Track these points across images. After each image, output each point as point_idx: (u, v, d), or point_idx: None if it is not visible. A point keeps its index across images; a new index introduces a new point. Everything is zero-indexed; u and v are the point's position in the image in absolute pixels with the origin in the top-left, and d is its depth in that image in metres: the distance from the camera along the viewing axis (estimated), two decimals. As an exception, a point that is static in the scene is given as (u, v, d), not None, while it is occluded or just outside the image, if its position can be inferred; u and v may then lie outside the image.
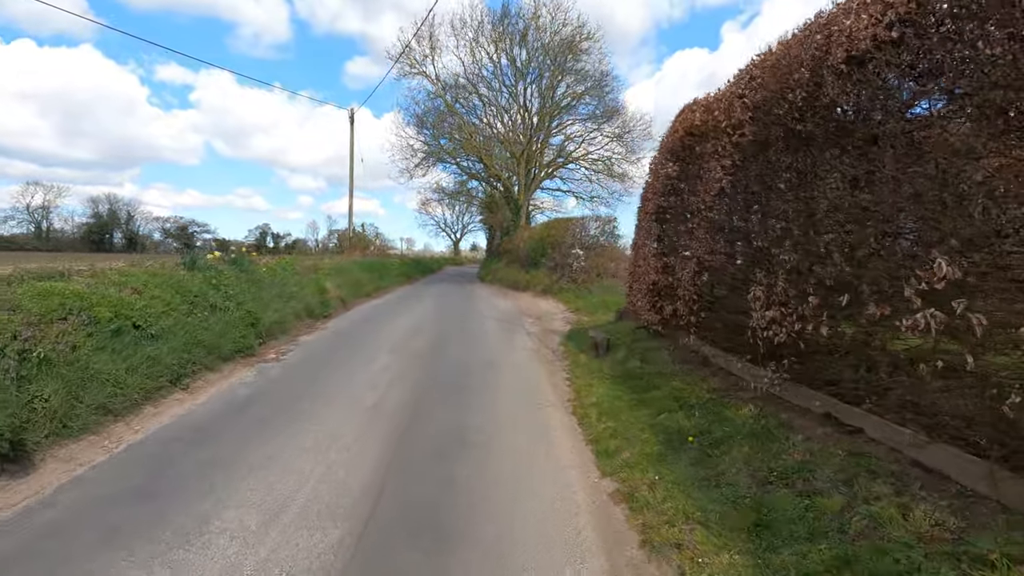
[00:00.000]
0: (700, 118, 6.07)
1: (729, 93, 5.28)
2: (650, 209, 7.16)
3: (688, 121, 6.37)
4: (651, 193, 7.34)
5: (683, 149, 6.53)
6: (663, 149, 7.15)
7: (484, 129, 30.83)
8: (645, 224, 7.41)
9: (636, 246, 7.98)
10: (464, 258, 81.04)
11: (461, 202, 47.68)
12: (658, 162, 7.29)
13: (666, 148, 7.01)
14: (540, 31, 26.75)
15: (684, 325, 5.59)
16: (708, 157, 5.47)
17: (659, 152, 7.33)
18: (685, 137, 6.43)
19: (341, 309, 13.99)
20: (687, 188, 6.04)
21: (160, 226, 63.92)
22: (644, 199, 7.82)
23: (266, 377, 6.93)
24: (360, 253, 29.43)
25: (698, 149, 6.02)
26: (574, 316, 12.75)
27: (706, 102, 6.22)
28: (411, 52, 26.91)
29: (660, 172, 7.05)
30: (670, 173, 6.57)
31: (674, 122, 7.07)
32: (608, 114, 28.81)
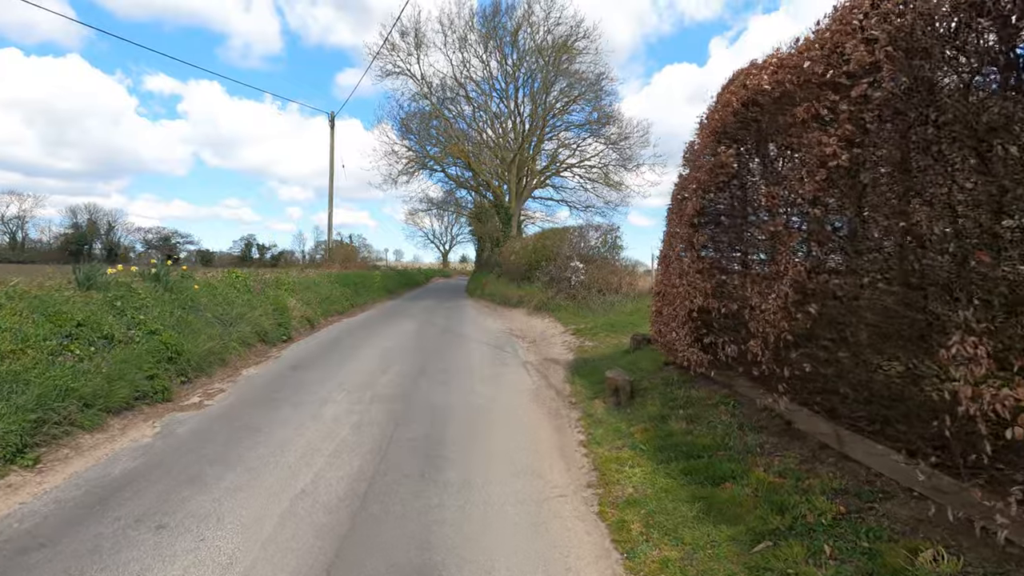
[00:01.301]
0: (773, 78, 4.34)
1: (834, 30, 3.56)
2: (688, 211, 5.40)
3: (752, 86, 4.64)
4: (688, 190, 5.58)
5: (741, 126, 4.79)
6: (706, 132, 5.41)
7: (473, 135, 29.21)
8: (681, 230, 5.64)
9: (665, 259, 6.20)
10: (453, 270, 79.27)
11: (450, 212, 46.03)
12: (700, 149, 5.54)
13: (712, 129, 5.27)
14: (533, 29, 25.29)
15: (762, 376, 3.81)
16: (798, 129, 3.73)
17: (700, 136, 5.58)
18: (745, 108, 4.70)
19: (306, 331, 12.09)
20: (757, 177, 4.29)
21: (142, 237, 61.83)
22: (676, 199, 6.06)
23: (170, 439, 5.05)
24: (340, 266, 27.56)
25: (771, 122, 4.29)
26: (576, 340, 10.94)
27: (778, 58, 4.50)
28: (395, 49, 25.26)
29: (703, 162, 5.31)
30: (723, 160, 4.82)
31: (722, 93, 5.34)
32: (603, 120, 27.33)
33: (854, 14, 3.49)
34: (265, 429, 5.31)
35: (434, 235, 79.76)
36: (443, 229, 78.63)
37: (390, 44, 24.60)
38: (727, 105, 5.15)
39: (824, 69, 3.68)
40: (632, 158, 27.02)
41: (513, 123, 28.81)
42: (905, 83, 2.99)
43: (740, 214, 4.64)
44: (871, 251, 2.99)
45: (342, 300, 16.69)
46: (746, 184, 4.72)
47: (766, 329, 3.59)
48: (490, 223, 32.93)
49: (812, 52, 3.94)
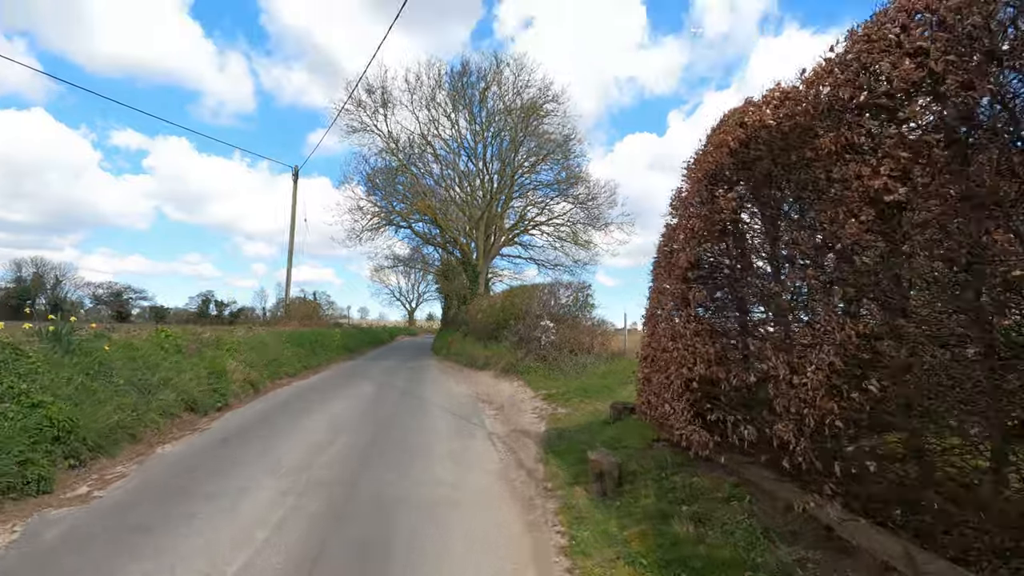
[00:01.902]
0: (778, 112, 3.77)
1: (859, 50, 2.99)
2: (680, 264, 4.71)
3: (751, 123, 4.07)
4: (679, 241, 4.92)
5: (741, 167, 4.19)
6: (697, 176, 4.82)
7: (440, 192, 28.92)
8: (672, 286, 4.92)
9: (653, 319, 5.46)
10: (419, 328, 77.55)
11: (416, 269, 45.20)
12: (689, 196, 4.93)
13: (704, 172, 4.67)
14: (502, 91, 25.59)
15: (796, 469, 2.97)
16: (824, 163, 3.10)
17: (690, 181, 4.99)
18: (744, 148, 4.11)
19: (248, 397, 10.80)
20: (766, 223, 3.63)
21: (92, 292, 58.70)
22: (663, 252, 5.39)
23: (30, 548, 3.87)
24: (299, 323, 26.15)
25: (780, 160, 3.68)
26: (547, 407, 9.99)
27: (782, 92, 3.96)
28: (362, 106, 25.08)
29: (695, 209, 4.68)
30: (722, 206, 4.18)
31: (714, 134, 4.79)
32: (572, 180, 27.45)
33: (887, 28, 2.94)
34: (159, 531, 4.15)
35: (400, 292, 78.50)
36: (409, 286, 77.54)
37: (356, 101, 24.47)
38: (721, 146, 4.58)
39: (852, 94, 3.09)
40: (600, 217, 27.08)
41: (481, 181, 28.70)
42: (974, 97, 2.38)
43: (747, 265, 3.95)
44: (959, 309, 2.27)
45: (294, 361, 15.39)
46: (751, 231, 4.07)
47: (802, 410, 2.81)
48: (457, 280, 32.20)
49: (831, 78, 3.39)
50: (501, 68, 25.58)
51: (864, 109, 2.96)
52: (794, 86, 4.08)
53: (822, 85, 3.64)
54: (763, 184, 3.93)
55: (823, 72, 3.60)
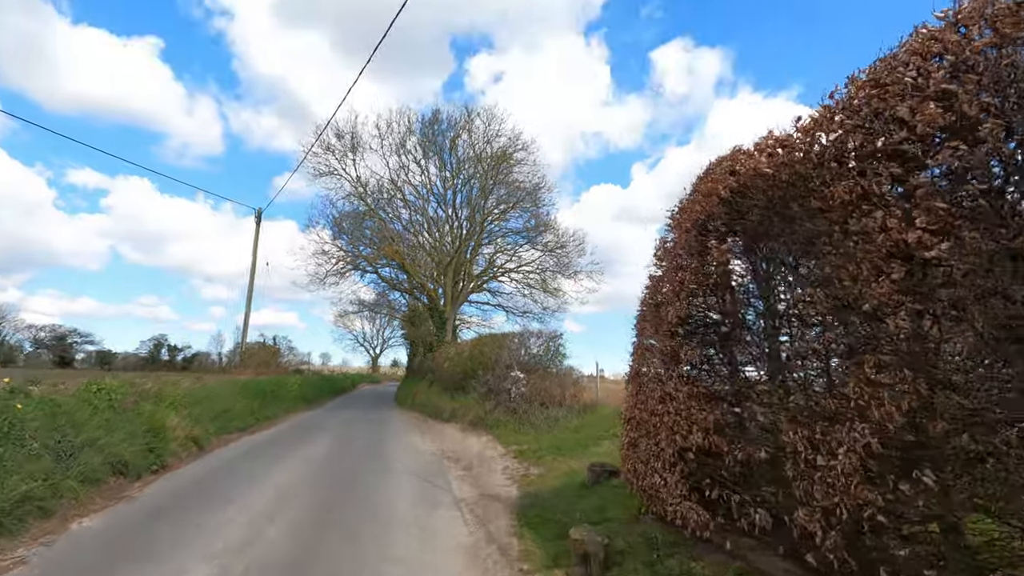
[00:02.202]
0: (774, 160, 3.53)
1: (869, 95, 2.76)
2: (670, 318, 4.35)
3: (744, 171, 3.83)
4: (666, 294, 4.58)
5: (735, 217, 3.91)
6: (685, 226, 4.54)
7: (409, 238, 28.55)
8: (660, 342, 4.56)
9: (638, 377, 5.05)
10: (383, 375, 75.38)
11: (382, 315, 44.24)
12: (676, 247, 4.63)
13: (693, 222, 4.40)
14: (473, 139, 25.78)
15: (827, 566, 2.51)
16: (837, 215, 2.81)
17: (677, 230, 4.70)
18: (738, 197, 3.85)
19: (190, 456, 9.81)
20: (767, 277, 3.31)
21: (33, 335, 55.00)
22: (648, 304, 5.05)
23: None
24: (254, 371, 24.84)
25: (780, 210, 3.40)
26: (519, 466, 9.36)
27: (775, 140, 3.75)
28: (330, 150, 24.80)
29: (685, 261, 4.37)
30: (714, 258, 3.87)
31: (701, 182, 4.55)
32: (541, 227, 27.52)
33: (900, 72, 2.72)
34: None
35: (364, 338, 76.61)
36: (374, 332, 75.84)
37: (324, 145, 24.21)
38: (710, 195, 4.32)
39: (863, 140, 2.85)
40: (569, 265, 27.07)
41: (451, 227, 28.52)
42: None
43: (740, 322, 3.61)
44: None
45: (246, 414, 14.33)
46: (746, 285, 3.76)
47: (831, 498, 2.40)
48: (423, 327, 31.43)
49: (834, 125, 3.17)
50: (472, 117, 25.91)
51: (881, 156, 2.71)
52: (788, 134, 3.88)
53: (822, 132, 3.42)
54: (761, 235, 3.65)
55: (823, 119, 3.40)
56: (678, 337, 4.24)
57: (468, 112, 26.17)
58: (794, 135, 3.78)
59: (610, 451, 9.90)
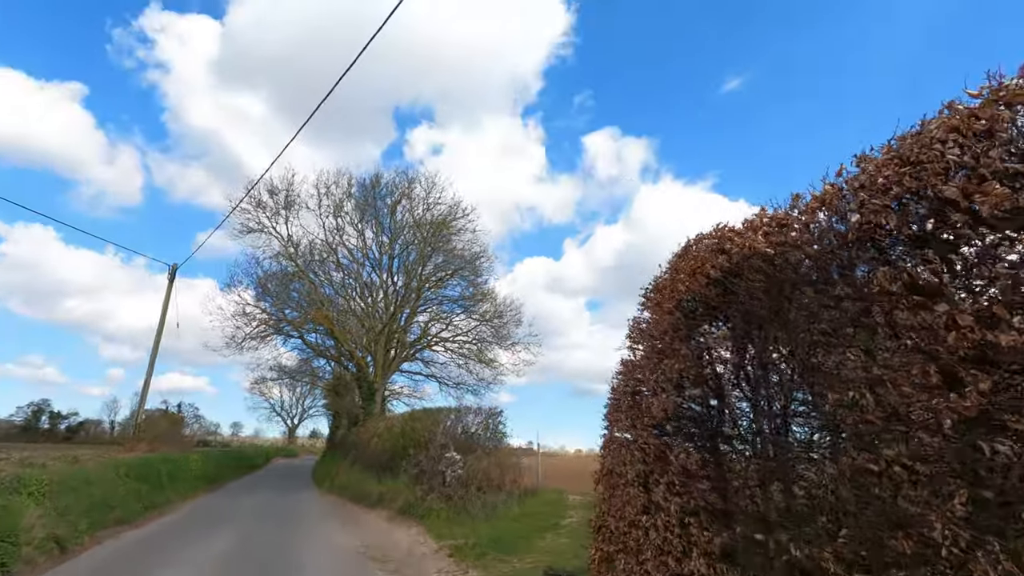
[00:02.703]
0: (773, 239, 3.17)
1: (901, 173, 2.45)
2: (654, 412, 3.78)
3: (736, 251, 3.45)
4: (648, 382, 4.05)
5: (729, 299, 3.49)
6: (667, 307, 4.08)
7: (340, 302, 27.18)
8: (642, 439, 3.96)
9: (611, 477, 4.40)
10: (301, 447, 69.84)
11: (304, 383, 41.30)
12: (656, 328, 4.15)
13: (676, 302, 3.95)
14: (413, 205, 25.43)
15: None
16: (885, 304, 2.39)
17: (656, 310, 4.24)
18: (732, 276, 3.44)
19: (48, 561, 7.96)
20: (769, 371, 2.85)
21: None
22: (623, 392, 4.48)
23: None
24: (149, 445, 21.96)
25: (789, 295, 2.98)
26: (456, 568, 8.23)
27: (772, 218, 3.43)
28: (261, 206, 23.59)
29: (670, 343, 3.88)
30: (708, 345, 3.40)
31: (680, 260, 4.16)
32: (479, 296, 27.05)
33: (940, 149, 2.43)
34: None
35: (282, 407, 71.40)
36: (293, 401, 70.91)
37: (255, 200, 23.02)
38: (695, 273, 3.92)
39: (899, 222, 2.51)
40: (507, 336, 26.53)
41: (385, 293, 27.48)
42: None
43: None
44: None
45: (132, 501, 12.23)
46: (749, 379, 3.27)
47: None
48: (348, 397, 29.42)
49: (857, 204, 2.83)
50: (413, 184, 25.72)
51: (928, 240, 2.36)
52: (785, 212, 3.57)
53: (830, 212, 3.11)
54: (763, 321, 3.22)
55: (830, 198, 3.09)
56: (665, 434, 3.66)
57: (409, 178, 26.04)
58: (793, 214, 3.48)
59: (557, 547, 8.97)
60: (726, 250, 3.72)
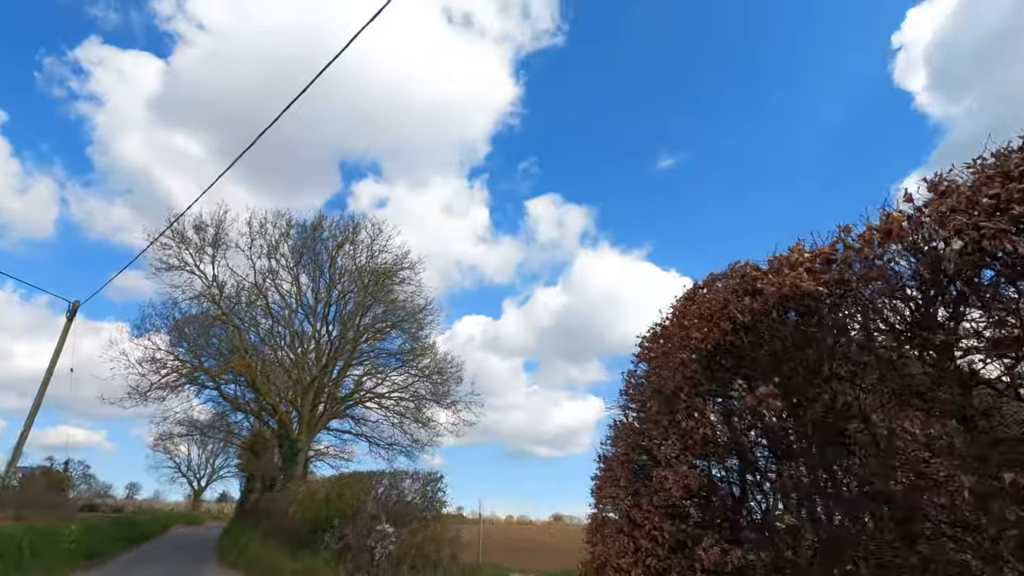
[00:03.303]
0: (835, 275, 2.63)
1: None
2: (669, 488, 3.02)
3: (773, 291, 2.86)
4: (660, 451, 3.30)
5: (758, 346, 2.87)
6: (676, 358, 3.41)
7: (266, 352, 25.08)
8: (648, 522, 3.15)
9: (605, 571, 3.52)
10: (206, 513, 62.75)
11: (216, 440, 37.46)
12: (666, 382, 3.45)
13: (691, 349, 3.29)
14: (356, 251, 24.24)
15: None
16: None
17: (661, 363, 3.55)
18: (766, 319, 2.84)
19: None
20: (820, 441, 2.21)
21: None
22: (621, 463, 3.71)
23: None
24: (15, 513, 18.72)
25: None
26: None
27: (821, 254, 2.90)
28: (185, 242, 21.70)
29: (686, 402, 3.18)
30: (748, 405, 2.73)
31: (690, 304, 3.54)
32: (419, 351, 25.71)
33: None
34: None
35: (189, 466, 64.71)
36: (202, 460, 64.50)
37: (178, 235, 21.15)
38: (713, 318, 3.29)
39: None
40: (447, 394, 25.12)
41: (317, 343, 25.61)
42: None
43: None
44: None
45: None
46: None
47: None
48: (266, 457, 26.68)
49: (947, 232, 2.31)
50: (358, 229, 24.65)
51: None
52: (831, 246, 3.05)
53: (893, 243, 2.60)
54: (831, 378, 2.59)
55: (897, 226, 2.58)
56: (689, 521, 2.88)
57: (355, 222, 24.98)
58: (840, 249, 2.95)
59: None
60: (757, 290, 3.13)
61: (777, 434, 2.72)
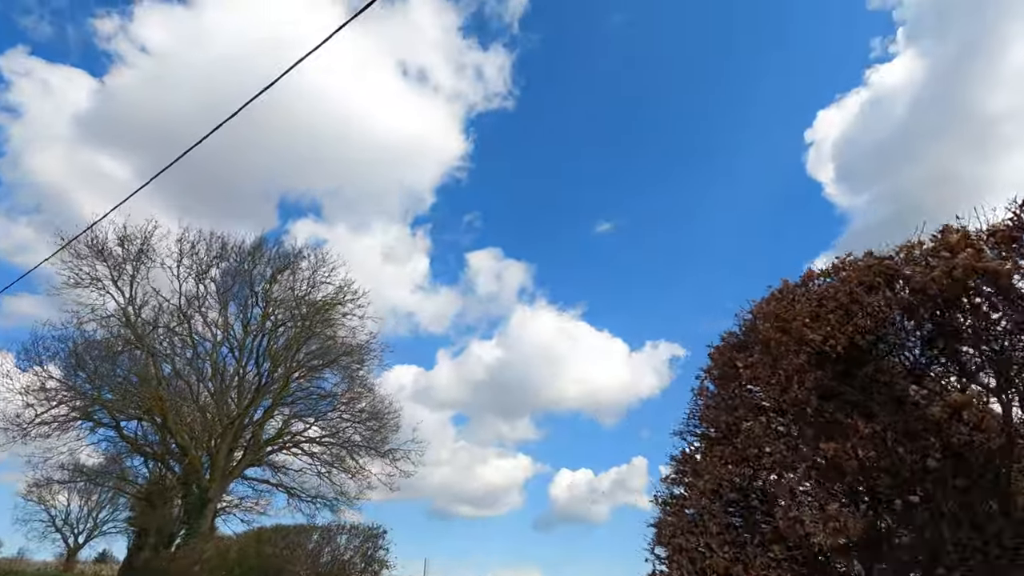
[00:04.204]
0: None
1: None
2: (812, 535, 2.20)
3: (948, 262, 2.24)
4: (781, 489, 2.51)
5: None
6: (789, 356, 2.68)
7: (181, 385, 22.41)
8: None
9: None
10: (80, 575, 54.25)
11: (106, 488, 32.70)
12: (784, 381, 2.69)
13: (817, 343, 2.59)
14: (296, 280, 22.51)
15: None
16: None
17: (768, 359, 2.80)
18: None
19: None
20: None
21: None
22: (695, 498, 2.85)
23: None
24: None
25: None
26: None
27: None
28: (102, 255, 19.33)
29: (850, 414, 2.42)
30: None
31: (787, 294, 2.88)
32: (356, 394, 23.78)
33: None
34: None
35: (66, 520, 56.33)
36: (84, 512, 56.34)
37: (95, 246, 18.81)
38: (842, 314, 2.63)
39: None
40: (384, 441, 23.13)
41: (241, 379, 23.19)
42: None
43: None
44: None
45: None
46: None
47: None
48: (165, 509, 23.37)
49: None
50: (299, 258, 23.00)
51: None
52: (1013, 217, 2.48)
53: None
54: None
55: None
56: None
57: (296, 251, 23.31)
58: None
59: None
60: (901, 275, 2.49)
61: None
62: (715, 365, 3.49)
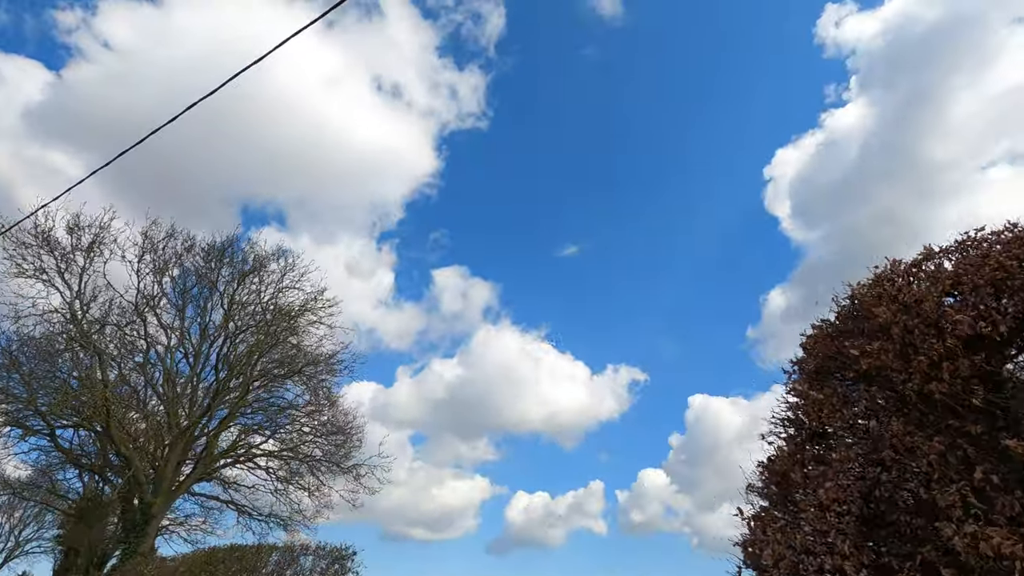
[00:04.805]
0: None
1: None
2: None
3: None
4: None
5: None
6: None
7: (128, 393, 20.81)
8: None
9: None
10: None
11: (33, 503, 29.98)
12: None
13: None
14: (262, 282, 21.32)
15: None
16: None
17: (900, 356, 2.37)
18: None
19: None
20: None
21: None
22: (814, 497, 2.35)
23: None
24: None
25: None
26: None
27: None
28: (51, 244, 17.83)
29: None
30: None
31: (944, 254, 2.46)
32: (320, 407, 22.54)
33: None
34: None
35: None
36: (5, 529, 51.79)
37: (41, 234, 17.32)
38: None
39: None
40: (348, 456, 21.88)
41: (194, 386, 21.70)
42: None
43: None
44: None
45: None
46: None
47: None
48: (99, 526, 21.44)
49: None
50: (268, 260, 21.85)
51: None
52: None
53: None
54: None
55: None
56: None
57: (266, 254, 22.13)
58: None
59: None
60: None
61: None
62: (810, 357, 3.06)
